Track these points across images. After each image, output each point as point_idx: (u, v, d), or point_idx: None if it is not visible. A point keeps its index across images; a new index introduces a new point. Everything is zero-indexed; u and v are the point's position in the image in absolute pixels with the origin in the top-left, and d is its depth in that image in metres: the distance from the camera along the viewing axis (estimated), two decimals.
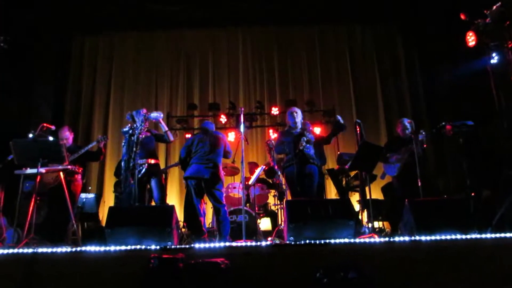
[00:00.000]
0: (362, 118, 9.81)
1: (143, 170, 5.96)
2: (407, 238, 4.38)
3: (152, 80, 11.46)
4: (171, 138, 6.42)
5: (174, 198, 10.56)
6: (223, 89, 11.44)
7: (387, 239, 4.48)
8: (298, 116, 6.19)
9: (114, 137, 10.48)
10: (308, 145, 5.86)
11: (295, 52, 11.43)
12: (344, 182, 7.78)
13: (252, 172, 8.48)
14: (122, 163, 5.89)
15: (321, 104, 10.81)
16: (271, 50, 11.51)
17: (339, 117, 5.93)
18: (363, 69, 11.17)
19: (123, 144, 6.01)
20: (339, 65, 11.23)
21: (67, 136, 6.69)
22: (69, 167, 5.88)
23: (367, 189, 5.82)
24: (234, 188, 8.07)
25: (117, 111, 11.14)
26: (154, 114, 6.04)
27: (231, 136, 10.32)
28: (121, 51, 11.53)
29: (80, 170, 6.41)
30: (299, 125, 6.11)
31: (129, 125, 6.01)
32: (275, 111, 10.42)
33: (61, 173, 5.73)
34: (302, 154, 5.82)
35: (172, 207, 5.13)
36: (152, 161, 6.15)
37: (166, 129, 6.42)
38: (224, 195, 8.44)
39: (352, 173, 7.82)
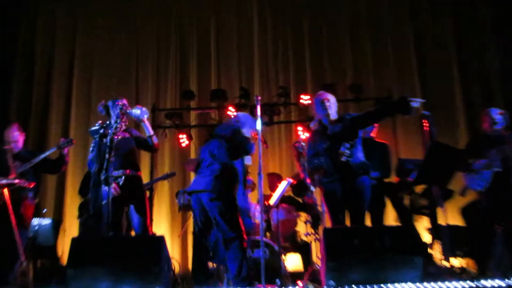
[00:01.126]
0: (432, 110, 9.72)
1: (120, 184, 5.96)
2: (502, 284, 4.32)
3: (131, 58, 11.58)
4: (156, 143, 6.42)
5: (164, 224, 10.61)
6: (232, 70, 11.46)
7: (471, 284, 4.41)
8: (332, 105, 6.14)
9: (78, 139, 10.58)
10: (352, 150, 5.80)
11: (333, 18, 11.44)
12: (407, 202, 7.73)
13: (274, 188, 8.42)
14: (91, 176, 5.91)
15: (372, 89, 10.80)
16: (300, 15, 11.52)
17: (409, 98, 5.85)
18: (432, 40, 11.12)
19: (91, 148, 6.04)
20: (397, 38, 11.22)
21: (16, 138, 6.73)
22: (16, 181, 5.93)
23: (440, 211, 5.75)
24: (248, 210, 8.04)
25: (82, 102, 11.27)
26: (135, 111, 6.05)
27: None
28: (87, 18, 11.67)
29: (32, 186, 6.45)
30: (332, 115, 6.08)
31: (100, 122, 6.04)
32: (305, 100, 10.40)
33: (5, 190, 5.77)
34: (345, 166, 5.78)
35: (161, 238, 5.12)
36: (132, 173, 6.15)
37: (151, 132, 6.39)
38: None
39: (419, 189, 7.75)
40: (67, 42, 11.60)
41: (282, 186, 7.66)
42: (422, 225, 8.07)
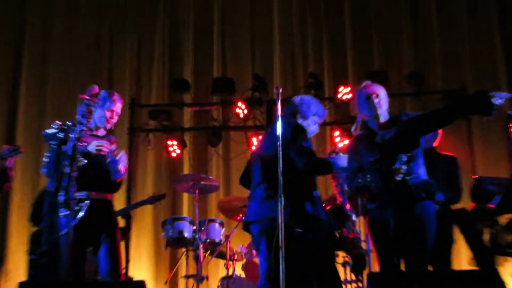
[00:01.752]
0: None
1: (83, 211, 5.99)
2: None
3: (102, 35, 11.65)
4: (122, 173, 6.39)
5: (146, 266, 10.63)
6: (242, 52, 11.50)
7: None
8: (382, 102, 6.10)
9: (28, 146, 10.64)
10: (410, 165, 5.76)
11: None
12: (487, 237, 7.67)
13: None
14: (46, 198, 5.91)
15: (438, 80, 10.80)
16: None
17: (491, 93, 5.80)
18: None
19: (46, 159, 6.07)
20: (474, 12, 11.24)
21: None
22: None
23: None
24: None
25: (33, 97, 11.36)
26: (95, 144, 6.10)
27: (256, 143, 10.30)
28: None
29: None
30: (382, 115, 6.03)
31: (59, 122, 6.05)
32: (344, 93, 10.40)
33: None
34: (401, 187, 5.74)
35: (141, 284, 5.13)
36: (108, 196, 6.18)
37: (119, 166, 6.38)
38: (246, 260, 8.46)
39: (504, 219, 7.69)
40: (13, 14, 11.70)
41: None
42: (508, 270, 8.02)
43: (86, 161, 5.77)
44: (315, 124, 6.29)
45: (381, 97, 5.98)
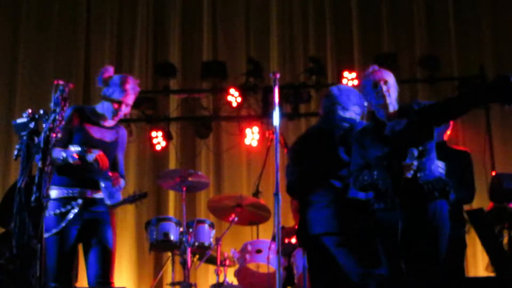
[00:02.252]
0: None
1: (74, 211, 6.03)
2: None
3: (78, 10, 11.64)
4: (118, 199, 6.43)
5: (127, 272, 10.66)
6: (235, 33, 11.50)
7: None
8: (391, 89, 6.10)
9: None
10: (423, 160, 5.77)
11: None
12: (505, 240, 7.69)
13: (297, 218, 8.46)
14: (15, 196, 5.93)
15: (454, 65, 10.83)
16: None
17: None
18: None
19: (15, 152, 6.08)
20: None
21: None
22: None
23: None
24: (259, 252, 8.12)
25: (1, 83, 11.36)
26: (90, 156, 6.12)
27: (250, 135, 10.36)
28: None
29: None
30: (391, 104, 6.02)
31: (29, 111, 6.07)
32: (349, 78, 10.41)
33: None
34: (412, 185, 5.75)
35: None
36: (96, 195, 6.20)
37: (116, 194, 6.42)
38: (239, 265, 8.49)
39: None
40: None
41: None
42: None
43: (76, 158, 5.86)
44: (356, 116, 6.30)
45: (390, 84, 5.95)
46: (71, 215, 5.99)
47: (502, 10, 11.13)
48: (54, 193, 6.01)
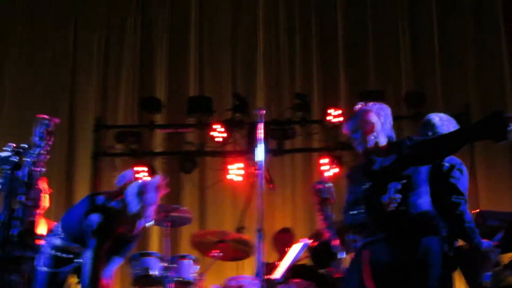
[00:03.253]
0: None
1: (65, 271, 6.01)
2: None
3: (65, 44, 11.64)
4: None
5: None
6: (222, 69, 11.52)
7: None
8: (382, 120, 6.06)
9: None
10: (410, 195, 5.72)
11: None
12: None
13: (282, 254, 8.42)
14: None
15: (440, 102, 10.88)
16: None
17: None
18: None
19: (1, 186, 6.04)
20: (480, 28, 11.37)
21: None
22: None
23: None
24: None
25: None
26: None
27: (235, 171, 10.34)
28: None
29: None
30: (371, 141, 5.98)
31: (13, 145, 6.03)
32: (334, 116, 10.43)
33: None
34: (399, 219, 5.70)
35: None
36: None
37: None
38: None
39: (507, 258, 7.70)
40: None
41: (294, 250, 7.65)
42: None
43: None
44: None
45: (383, 115, 5.91)
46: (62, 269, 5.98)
47: (487, 48, 11.21)
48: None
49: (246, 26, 11.77)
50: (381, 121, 5.83)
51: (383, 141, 5.80)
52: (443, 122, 6.26)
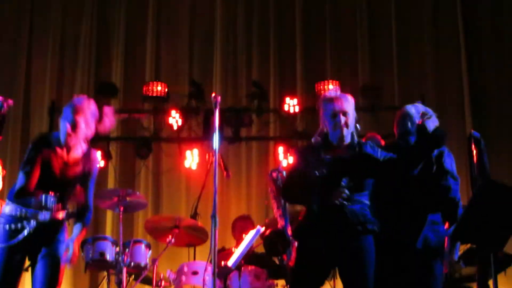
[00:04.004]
0: (488, 130, 9.90)
1: (26, 232, 5.95)
2: None
3: (21, 27, 11.57)
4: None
5: None
6: (178, 53, 11.51)
7: None
8: (350, 120, 6.06)
9: None
10: (353, 194, 5.75)
11: None
12: None
13: (238, 241, 8.45)
14: None
15: (396, 95, 11.04)
16: None
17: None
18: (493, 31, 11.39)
19: None
20: (436, 23, 11.48)
21: None
22: None
23: (491, 284, 5.82)
24: (195, 274, 8.08)
25: None
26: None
27: (190, 157, 10.34)
28: None
29: None
30: (347, 136, 6.00)
31: None
32: (291, 105, 10.46)
33: None
34: (341, 212, 5.72)
35: None
36: (58, 215, 6.12)
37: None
38: (175, 286, 8.43)
39: (460, 250, 7.78)
40: None
41: (248, 237, 7.66)
42: None
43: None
44: None
45: (349, 114, 5.91)
46: (20, 236, 5.91)
47: (444, 41, 11.30)
48: (8, 208, 5.91)
49: (204, 12, 11.74)
50: (355, 116, 5.91)
51: (348, 139, 5.85)
52: (419, 112, 6.33)
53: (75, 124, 6.07)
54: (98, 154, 6.51)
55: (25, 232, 5.85)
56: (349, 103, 5.83)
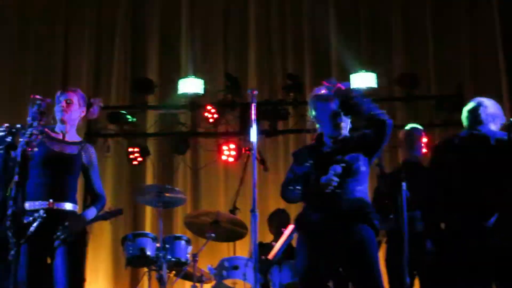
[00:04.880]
0: None
1: (36, 224, 5.95)
2: None
3: (56, 30, 11.64)
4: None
5: (102, 286, 10.60)
6: (213, 49, 11.51)
7: None
8: (347, 122, 6.02)
9: None
10: (345, 180, 5.66)
11: None
12: None
13: (275, 235, 8.45)
14: None
15: (432, 84, 10.93)
16: None
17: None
18: None
19: None
20: (467, 10, 11.33)
21: None
22: None
23: None
24: (236, 268, 8.08)
25: None
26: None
27: (228, 152, 10.34)
28: None
29: None
30: (344, 128, 5.92)
31: (6, 125, 6.01)
32: None
33: None
34: (330, 200, 5.66)
35: None
36: (65, 206, 6.14)
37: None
38: (216, 281, 8.44)
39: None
40: None
41: (287, 232, 7.65)
42: None
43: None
44: None
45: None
46: (34, 225, 5.93)
47: (480, 30, 11.20)
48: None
49: (238, 6, 11.73)
50: None
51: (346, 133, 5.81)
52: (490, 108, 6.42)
53: (71, 101, 6.29)
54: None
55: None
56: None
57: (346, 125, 5.75)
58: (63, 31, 11.64)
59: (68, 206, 6.23)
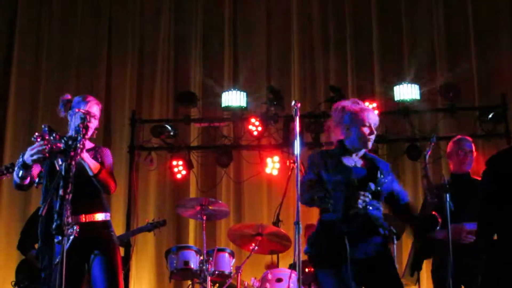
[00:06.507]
0: None
1: (71, 239, 5.95)
2: None
3: (99, 43, 11.72)
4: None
5: None
6: (256, 62, 11.51)
7: None
8: (374, 135, 5.99)
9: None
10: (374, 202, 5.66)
11: None
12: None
13: None
14: (39, 223, 5.91)
15: (475, 94, 10.84)
16: None
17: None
18: None
19: (37, 179, 6.06)
20: None
21: None
22: None
23: None
24: (280, 281, 8.05)
25: (23, 111, 11.46)
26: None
27: (271, 164, 10.32)
28: None
29: None
30: (370, 142, 5.89)
31: (36, 134, 6.01)
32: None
33: None
34: (360, 216, 5.63)
35: None
36: (98, 216, 6.15)
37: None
38: None
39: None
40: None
41: None
42: None
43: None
44: None
45: (375, 129, 5.86)
46: (69, 240, 5.92)
47: None
48: None
49: (280, 19, 11.74)
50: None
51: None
52: None
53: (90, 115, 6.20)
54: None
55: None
56: (376, 117, 5.86)
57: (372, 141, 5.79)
58: (106, 46, 11.74)
59: (99, 217, 6.24)
